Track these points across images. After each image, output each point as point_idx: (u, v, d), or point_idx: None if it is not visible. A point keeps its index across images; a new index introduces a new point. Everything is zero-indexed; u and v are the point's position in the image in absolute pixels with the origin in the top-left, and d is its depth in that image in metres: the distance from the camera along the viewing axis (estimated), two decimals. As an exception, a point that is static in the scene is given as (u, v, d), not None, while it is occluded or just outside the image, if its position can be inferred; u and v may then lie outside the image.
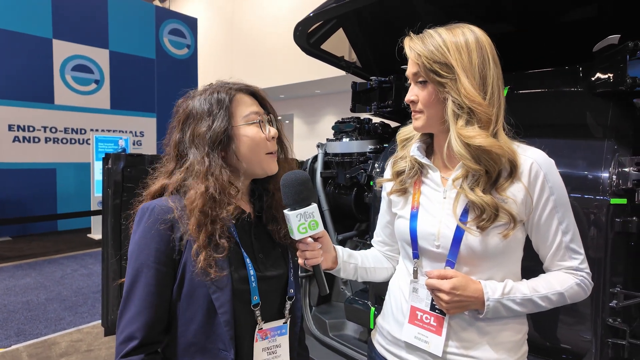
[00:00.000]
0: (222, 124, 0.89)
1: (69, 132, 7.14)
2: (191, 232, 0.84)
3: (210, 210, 0.85)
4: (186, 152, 0.92)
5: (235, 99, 0.93)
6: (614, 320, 1.26)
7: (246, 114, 0.92)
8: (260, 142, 0.92)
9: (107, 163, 2.05)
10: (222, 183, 0.87)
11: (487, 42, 0.90)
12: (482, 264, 0.91)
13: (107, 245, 2.04)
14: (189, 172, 0.89)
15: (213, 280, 0.83)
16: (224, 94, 0.92)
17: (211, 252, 0.83)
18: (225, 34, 13.27)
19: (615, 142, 1.35)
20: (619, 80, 1.37)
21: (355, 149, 2.21)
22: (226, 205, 0.86)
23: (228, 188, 0.88)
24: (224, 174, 0.88)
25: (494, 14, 1.81)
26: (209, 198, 0.85)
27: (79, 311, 3.66)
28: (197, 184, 0.86)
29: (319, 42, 2.27)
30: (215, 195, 0.85)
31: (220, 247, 0.84)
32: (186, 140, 0.92)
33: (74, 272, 4.85)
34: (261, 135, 0.93)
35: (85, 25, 7.19)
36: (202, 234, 0.83)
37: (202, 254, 0.82)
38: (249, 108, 0.94)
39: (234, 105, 0.92)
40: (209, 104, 0.91)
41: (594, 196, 1.29)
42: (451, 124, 0.89)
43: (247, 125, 0.92)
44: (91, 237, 6.63)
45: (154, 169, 0.99)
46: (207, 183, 0.86)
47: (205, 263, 0.82)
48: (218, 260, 0.84)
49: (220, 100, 0.91)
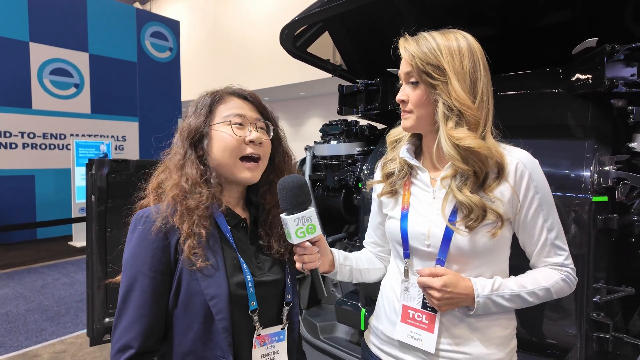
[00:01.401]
0: (198, 119, 0.92)
1: (48, 137, 6.96)
2: (175, 221, 0.85)
3: (182, 199, 0.87)
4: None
5: (223, 99, 0.94)
6: (598, 314, 1.30)
7: (226, 115, 0.91)
8: (232, 143, 0.89)
9: (91, 169, 2.01)
10: (192, 176, 0.88)
11: (479, 48, 0.93)
12: (471, 261, 0.93)
13: (92, 252, 1.99)
14: (170, 162, 0.92)
15: (204, 274, 0.84)
16: (213, 95, 0.95)
17: (194, 241, 0.84)
18: (208, 36, 13.16)
19: (595, 142, 1.39)
20: (598, 81, 1.42)
21: (343, 152, 2.22)
22: (197, 196, 0.87)
23: (199, 182, 0.89)
24: (194, 168, 0.89)
25: (476, 18, 1.85)
26: (180, 189, 0.87)
27: (61, 321, 3.56)
28: (173, 175, 0.90)
29: (305, 45, 2.28)
30: (185, 187, 0.87)
31: (198, 235, 0.85)
32: (176, 137, 0.95)
33: (55, 281, 4.72)
34: (234, 136, 0.89)
35: (64, 28, 7.03)
36: (185, 223, 0.85)
37: (186, 243, 0.84)
38: (232, 110, 0.92)
39: (217, 105, 0.94)
40: (195, 105, 0.95)
41: (576, 194, 1.33)
42: (441, 125, 0.91)
43: (224, 124, 0.90)
44: (73, 245, 6.46)
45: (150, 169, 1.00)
46: (179, 174, 0.89)
47: (189, 250, 0.83)
48: (205, 250, 0.85)
49: (206, 100, 0.94)
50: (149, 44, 8.28)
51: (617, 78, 1.38)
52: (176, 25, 8.85)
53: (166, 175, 0.92)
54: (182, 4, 14.15)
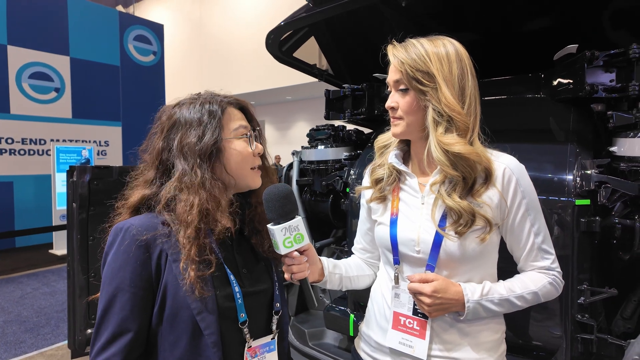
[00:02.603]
0: (213, 135, 0.87)
1: (27, 142, 6.76)
2: (183, 245, 0.80)
3: (204, 224, 0.82)
4: (171, 162, 0.88)
5: (227, 111, 0.92)
6: (583, 316, 1.32)
7: (236, 128, 0.92)
8: (248, 156, 0.92)
9: (72, 175, 1.96)
10: (214, 196, 0.85)
11: (466, 54, 0.94)
12: (461, 267, 0.93)
13: (73, 261, 1.94)
14: (177, 183, 0.85)
15: (198, 298, 0.80)
16: (216, 106, 0.91)
17: (201, 267, 0.81)
18: (193, 41, 13.06)
19: (577, 146, 1.42)
20: (579, 87, 1.45)
21: (331, 156, 2.22)
22: (219, 219, 0.85)
23: (219, 201, 0.86)
24: (215, 187, 0.86)
25: (460, 23, 1.88)
26: (204, 211, 0.83)
27: (41, 332, 3.44)
28: (189, 196, 0.83)
29: (291, 50, 2.28)
30: (209, 209, 0.83)
31: (208, 262, 0.82)
32: (173, 149, 0.88)
33: (34, 290, 4.57)
34: (248, 150, 0.92)
35: (44, 31, 6.86)
36: (193, 247, 0.81)
37: (191, 269, 0.79)
38: (239, 122, 0.93)
39: (226, 117, 0.91)
40: (200, 114, 0.89)
41: (560, 197, 1.36)
42: (431, 131, 0.91)
43: (236, 139, 0.91)
44: (53, 253, 6.27)
45: (131, 177, 0.95)
46: (200, 196, 0.83)
47: (195, 278, 0.79)
48: (206, 277, 0.81)
49: (212, 112, 0.89)
50: (132, 47, 8.16)
51: (597, 83, 1.42)
52: (160, 28, 8.74)
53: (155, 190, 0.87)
54: (167, 7, 14.02)
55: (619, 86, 1.39)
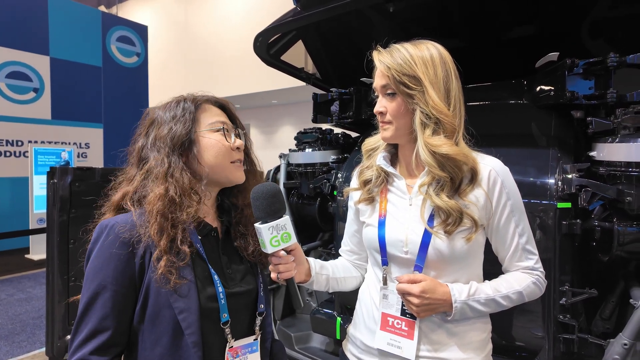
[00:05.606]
0: (185, 126, 0.89)
1: (3, 144, 6.55)
2: (152, 236, 0.80)
3: (171, 213, 0.82)
4: (147, 156, 0.89)
5: (202, 107, 0.94)
6: (564, 316, 1.35)
7: (211, 122, 0.92)
8: (224, 149, 0.91)
9: (53, 177, 1.90)
10: (182, 185, 0.85)
11: (449, 57, 0.96)
12: (448, 267, 0.94)
13: (53, 265, 1.88)
14: (148, 174, 0.86)
15: (175, 289, 0.80)
16: (190, 103, 0.93)
17: (173, 259, 0.80)
18: (178, 42, 12.91)
19: (558, 151, 1.46)
20: (560, 93, 1.50)
21: (318, 159, 2.23)
22: (186, 208, 0.84)
23: (189, 191, 0.85)
24: (184, 176, 0.86)
25: (444, 30, 1.91)
26: (169, 200, 0.82)
27: (16, 340, 3.32)
28: (156, 186, 0.84)
29: (279, 53, 2.28)
30: (175, 198, 0.83)
31: (182, 254, 0.81)
32: (148, 145, 0.90)
33: (9, 297, 4.41)
34: (225, 143, 0.92)
35: (22, 30, 6.68)
36: (163, 238, 0.80)
37: (163, 260, 0.79)
38: (216, 117, 0.94)
39: (200, 112, 0.93)
40: (174, 111, 0.91)
41: (542, 201, 1.39)
42: (419, 134, 0.93)
43: (211, 131, 0.91)
44: (30, 258, 6.07)
45: (116, 177, 0.95)
46: (166, 184, 0.84)
47: (166, 269, 0.79)
48: (180, 267, 0.81)
49: (186, 107, 0.91)
50: (115, 48, 8.02)
51: (577, 90, 1.47)
52: (144, 30, 8.63)
53: (135, 186, 0.87)
54: (151, 9, 13.84)
55: (598, 93, 1.44)
